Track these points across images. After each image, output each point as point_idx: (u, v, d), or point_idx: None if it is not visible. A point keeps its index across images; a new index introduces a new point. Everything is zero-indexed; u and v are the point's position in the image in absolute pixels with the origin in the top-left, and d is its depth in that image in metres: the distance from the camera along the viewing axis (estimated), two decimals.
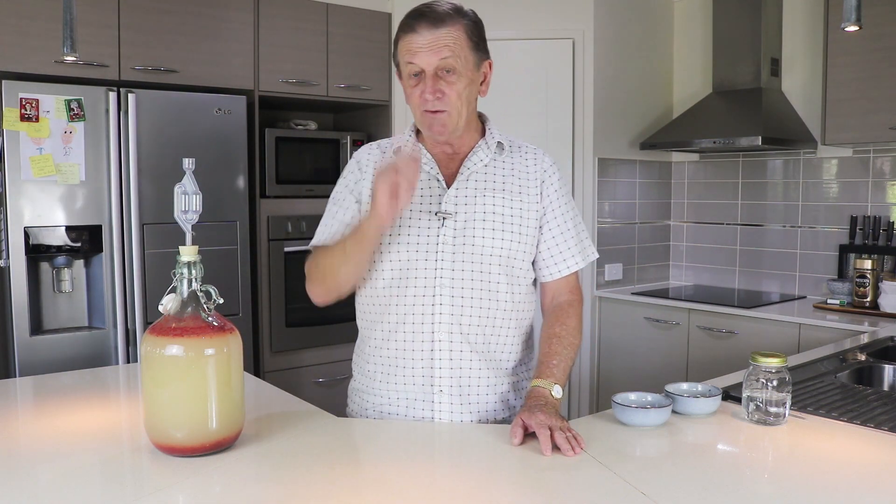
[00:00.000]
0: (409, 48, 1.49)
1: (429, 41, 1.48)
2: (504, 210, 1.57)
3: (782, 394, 1.47)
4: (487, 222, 1.56)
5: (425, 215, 1.56)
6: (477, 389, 1.56)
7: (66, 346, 2.81)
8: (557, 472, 1.27)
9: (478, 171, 1.60)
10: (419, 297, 1.54)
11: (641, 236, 3.96)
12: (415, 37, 1.49)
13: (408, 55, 1.50)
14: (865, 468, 1.29)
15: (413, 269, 1.55)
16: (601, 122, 3.66)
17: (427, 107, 1.51)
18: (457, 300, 1.53)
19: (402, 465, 1.31)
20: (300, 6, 3.37)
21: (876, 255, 3.21)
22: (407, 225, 1.55)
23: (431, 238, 1.55)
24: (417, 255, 1.54)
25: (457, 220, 1.55)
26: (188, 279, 1.28)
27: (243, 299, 3.20)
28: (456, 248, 1.54)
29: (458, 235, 1.55)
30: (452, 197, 1.56)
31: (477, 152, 1.60)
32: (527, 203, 1.60)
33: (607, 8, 3.66)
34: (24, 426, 1.54)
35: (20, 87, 2.68)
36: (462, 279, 1.54)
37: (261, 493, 1.16)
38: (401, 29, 1.53)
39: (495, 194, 1.58)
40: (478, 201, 1.57)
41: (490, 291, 1.56)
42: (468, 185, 1.58)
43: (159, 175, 2.94)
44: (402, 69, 1.54)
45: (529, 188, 1.62)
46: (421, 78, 1.50)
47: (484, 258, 1.55)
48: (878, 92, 3.01)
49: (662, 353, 3.48)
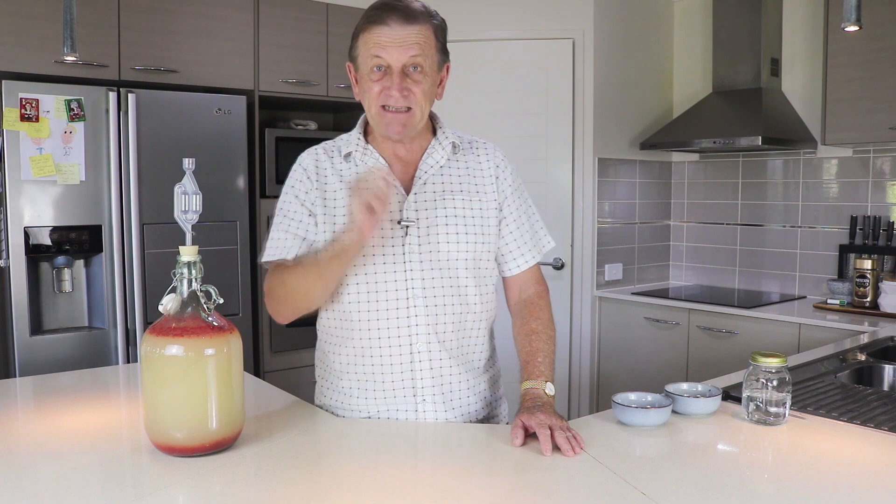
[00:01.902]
0: (378, 41, 1.44)
1: (400, 36, 1.44)
2: (465, 212, 1.55)
3: (782, 394, 1.47)
4: (451, 226, 1.53)
5: (387, 224, 1.50)
6: (458, 393, 1.56)
7: (66, 346, 2.81)
8: (557, 472, 1.27)
9: (434, 175, 1.56)
10: (393, 309, 1.50)
11: (641, 236, 3.96)
12: (385, 30, 1.44)
13: (375, 48, 1.44)
14: (865, 468, 1.29)
15: (382, 283, 1.50)
16: (601, 122, 3.66)
17: (391, 103, 1.46)
18: (431, 308, 1.51)
19: (402, 464, 1.31)
20: (300, 6, 3.37)
21: (876, 255, 3.21)
22: (370, 237, 1.48)
23: (397, 248, 1.50)
24: (385, 268, 1.50)
25: (419, 227, 1.51)
26: (188, 279, 1.28)
27: (243, 299, 3.20)
28: (423, 257, 1.51)
29: (424, 243, 1.51)
30: (412, 203, 1.52)
31: (432, 154, 1.56)
32: (485, 202, 1.58)
33: (607, 8, 3.66)
34: (24, 426, 1.54)
35: (20, 87, 2.68)
36: (433, 287, 1.51)
37: (261, 493, 1.15)
38: (368, 20, 1.46)
39: (454, 196, 1.55)
40: (438, 206, 1.53)
41: (461, 296, 1.54)
42: (426, 190, 1.54)
43: (159, 175, 2.94)
44: (363, 62, 1.48)
45: (486, 186, 1.59)
46: (385, 73, 1.45)
47: (451, 263, 1.53)
48: (878, 92, 3.01)
49: (662, 353, 3.48)
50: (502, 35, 3.62)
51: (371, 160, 1.55)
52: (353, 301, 1.52)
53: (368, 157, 1.55)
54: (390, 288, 1.51)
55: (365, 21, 1.47)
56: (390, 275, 1.51)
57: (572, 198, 3.66)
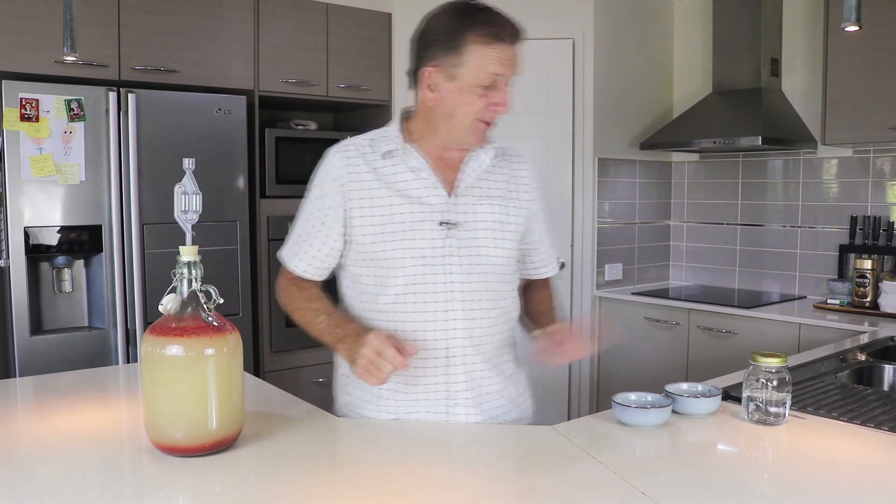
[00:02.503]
0: (499, 58, 1.43)
1: (511, 55, 1.46)
2: (503, 218, 1.57)
3: (782, 394, 1.47)
4: (489, 231, 1.54)
5: (428, 225, 1.50)
6: (488, 396, 1.56)
7: (66, 346, 2.81)
8: (557, 472, 1.27)
9: (477, 178, 1.57)
10: (430, 311, 1.50)
11: (641, 236, 3.96)
12: (505, 48, 1.44)
13: (496, 65, 1.43)
14: (865, 468, 1.29)
15: (421, 284, 1.50)
16: (601, 122, 3.66)
17: (492, 119, 1.49)
18: (468, 312, 1.52)
19: (402, 464, 1.31)
20: (300, 6, 3.37)
21: (876, 255, 3.21)
22: (411, 238, 1.50)
23: (438, 250, 1.50)
24: (426, 269, 1.50)
25: (461, 229, 1.52)
26: (188, 279, 1.28)
27: (243, 299, 3.20)
28: (463, 260, 1.51)
29: (464, 246, 1.52)
30: (454, 206, 1.52)
31: (475, 158, 1.57)
32: (519, 209, 1.61)
33: (607, 8, 3.66)
34: (24, 426, 1.54)
35: (20, 87, 2.68)
36: (472, 291, 1.52)
37: (261, 493, 1.15)
38: (484, 32, 1.43)
39: (493, 202, 1.56)
40: (478, 209, 1.54)
41: (496, 300, 1.56)
42: (468, 194, 1.55)
43: (159, 175, 2.94)
44: (471, 74, 1.44)
45: (521, 194, 1.62)
46: (490, 88, 1.45)
47: (489, 267, 1.54)
48: (878, 92, 3.01)
49: (662, 353, 3.48)
50: None
51: (413, 160, 1.53)
52: (391, 301, 1.52)
53: (410, 156, 1.53)
54: (429, 290, 1.50)
55: (482, 34, 1.43)
56: (430, 276, 1.50)
57: (572, 198, 3.66)
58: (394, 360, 1.36)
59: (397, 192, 1.52)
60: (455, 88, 1.46)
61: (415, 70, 1.53)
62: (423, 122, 1.55)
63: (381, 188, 1.52)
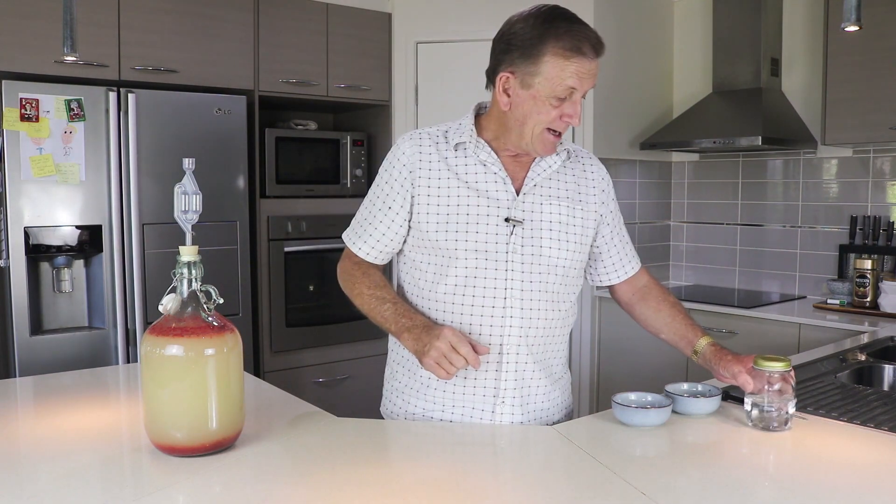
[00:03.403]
0: (577, 71, 1.42)
1: (591, 69, 1.44)
2: (568, 219, 1.56)
3: (786, 397, 1.46)
4: (553, 231, 1.54)
5: (493, 220, 1.51)
6: (535, 398, 1.57)
7: (66, 346, 2.81)
8: (557, 472, 1.27)
9: (545, 178, 1.56)
10: (488, 307, 1.51)
11: (641, 236, 3.96)
12: (585, 62, 1.42)
13: (573, 78, 1.42)
14: (865, 468, 1.29)
15: (481, 278, 1.50)
16: (601, 122, 3.66)
17: (563, 129, 1.49)
18: (525, 311, 1.52)
19: (402, 464, 1.31)
20: (300, 6, 3.37)
21: (876, 255, 3.21)
22: (475, 231, 1.50)
23: (500, 246, 1.50)
24: (486, 264, 1.50)
25: (525, 227, 1.52)
26: (188, 279, 1.28)
27: (243, 299, 3.20)
28: (524, 258, 1.51)
29: (527, 244, 1.52)
30: (521, 203, 1.53)
31: (546, 159, 1.56)
32: (587, 212, 1.60)
33: (607, 8, 3.65)
34: (24, 426, 1.54)
35: (20, 87, 2.68)
36: (531, 290, 1.52)
37: (261, 493, 1.15)
38: (565, 45, 1.41)
39: (560, 202, 1.56)
40: (544, 209, 1.54)
41: (553, 302, 1.56)
42: (535, 193, 1.55)
43: (159, 175, 2.94)
44: (548, 85, 1.43)
45: (590, 196, 1.61)
46: (564, 100, 1.44)
47: (549, 268, 1.54)
48: (878, 92, 3.01)
49: (662, 353, 3.47)
50: None
51: (484, 154, 1.53)
52: (449, 291, 1.52)
53: (481, 150, 1.54)
54: (489, 285, 1.51)
55: (562, 46, 1.41)
56: (490, 271, 1.51)
57: None
58: (468, 356, 1.38)
59: (466, 183, 1.52)
60: (529, 96, 1.45)
61: (492, 71, 1.52)
62: (496, 123, 1.54)
63: (451, 178, 1.52)
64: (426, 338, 1.42)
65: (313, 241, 3.37)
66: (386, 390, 1.69)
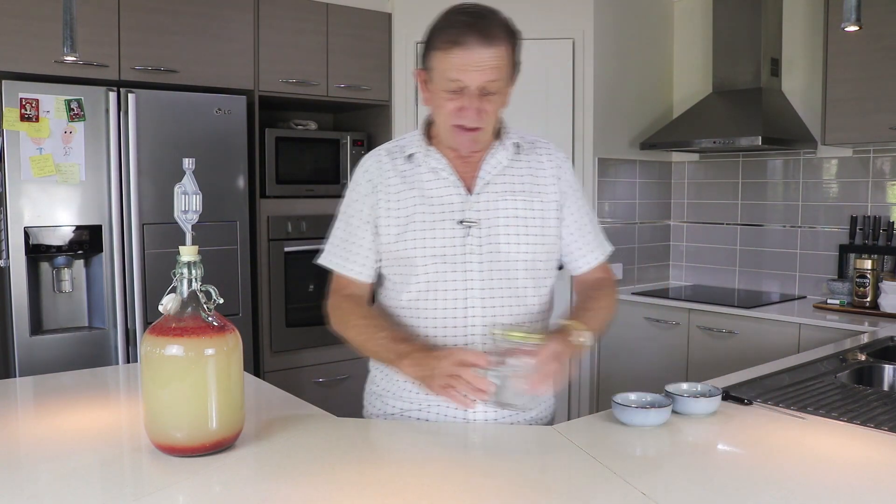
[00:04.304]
0: (456, 64, 1.40)
1: (476, 60, 1.40)
2: (526, 213, 1.55)
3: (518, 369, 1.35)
4: (511, 227, 1.53)
5: (448, 224, 1.52)
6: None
7: (66, 346, 2.81)
8: (557, 472, 1.27)
9: (496, 175, 1.56)
10: (450, 309, 1.52)
11: (641, 236, 3.96)
12: (463, 53, 1.40)
13: (453, 71, 1.41)
14: (865, 468, 1.29)
15: (442, 282, 1.52)
16: (601, 122, 3.66)
17: (466, 123, 1.46)
18: (488, 310, 1.52)
19: (402, 464, 1.31)
20: (300, 6, 3.37)
21: (876, 255, 3.21)
22: (431, 237, 1.51)
23: (457, 249, 1.51)
24: (445, 268, 1.51)
25: (481, 227, 1.52)
26: (188, 279, 1.28)
27: (243, 299, 3.20)
28: (483, 257, 1.52)
29: (485, 244, 1.52)
30: (474, 203, 1.53)
31: (495, 155, 1.56)
32: (546, 202, 1.58)
33: (607, 8, 3.65)
34: (24, 426, 1.54)
35: (20, 87, 2.68)
36: (492, 288, 1.52)
37: (261, 493, 1.15)
38: (444, 38, 1.42)
39: (516, 197, 1.55)
40: (499, 206, 1.54)
41: (519, 297, 1.55)
42: (488, 191, 1.54)
43: (159, 175, 2.94)
44: (437, 78, 1.45)
45: (547, 186, 1.59)
46: (461, 93, 1.43)
47: (510, 264, 1.53)
48: (878, 92, 3.01)
49: (662, 353, 3.48)
50: None
51: (433, 161, 1.55)
52: (413, 298, 1.54)
53: (431, 157, 1.55)
54: (449, 287, 1.52)
55: (443, 40, 1.42)
56: (450, 275, 1.52)
57: None
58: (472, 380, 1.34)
59: (420, 192, 1.54)
60: (432, 92, 1.49)
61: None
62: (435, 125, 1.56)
63: (407, 189, 1.55)
64: (427, 361, 1.41)
65: (313, 241, 3.36)
66: (365, 394, 1.70)
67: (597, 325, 1.54)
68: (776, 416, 1.55)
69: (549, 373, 1.35)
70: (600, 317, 1.57)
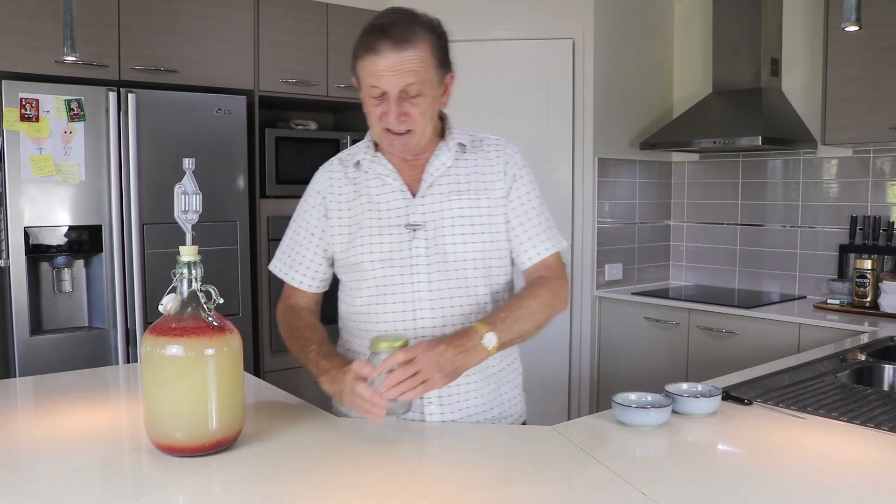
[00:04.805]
0: (373, 70, 1.42)
1: (392, 64, 1.41)
2: (472, 212, 1.55)
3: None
4: (457, 227, 1.53)
5: (395, 229, 1.53)
6: (466, 395, 1.56)
7: (66, 346, 2.81)
8: (558, 472, 1.27)
9: (441, 176, 1.56)
10: (399, 312, 1.53)
11: (641, 236, 3.96)
12: (377, 59, 1.41)
13: (371, 78, 1.43)
14: (865, 468, 1.29)
15: (390, 286, 1.53)
16: (601, 122, 3.66)
17: (391, 128, 1.47)
18: (437, 311, 1.52)
19: (402, 464, 1.31)
20: (300, 6, 3.37)
21: (876, 255, 3.21)
22: (378, 242, 1.53)
23: (404, 252, 1.53)
24: (392, 272, 1.53)
25: (427, 229, 1.53)
26: (188, 279, 1.28)
27: (243, 299, 3.20)
28: (430, 259, 1.52)
29: (431, 245, 1.52)
30: (419, 206, 1.54)
31: (438, 156, 1.56)
32: (493, 199, 1.56)
33: (607, 8, 3.66)
34: (24, 426, 1.54)
35: (20, 87, 2.67)
36: (440, 289, 1.52)
37: (261, 493, 1.16)
38: (361, 47, 1.45)
39: (461, 196, 1.55)
40: (444, 207, 1.54)
41: (470, 297, 1.55)
42: (433, 192, 1.55)
43: (159, 175, 2.94)
44: (363, 87, 1.48)
45: (494, 183, 1.57)
46: (383, 99, 1.45)
47: (459, 264, 1.53)
48: (878, 92, 3.01)
49: (662, 353, 3.48)
50: (502, 35, 3.62)
51: (379, 167, 1.57)
52: (364, 303, 1.57)
53: (377, 163, 1.58)
54: (397, 291, 1.53)
55: (360, 46, 1.46)
56: (397, 278, 1.53)
57: (572, 198, 3.66)
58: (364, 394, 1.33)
59: (367, 198, 1.57)
60: (363, 96, 1.51)
61: None
62: None
63: (356, 196, 1.58)
64: (340, 377, 1.40)
65: None
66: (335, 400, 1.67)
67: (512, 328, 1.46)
68: (776, 416, 1.55)
69: (396, 379, 1.32)
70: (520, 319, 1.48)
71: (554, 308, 1.54)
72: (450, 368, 1.36)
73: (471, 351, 1.39)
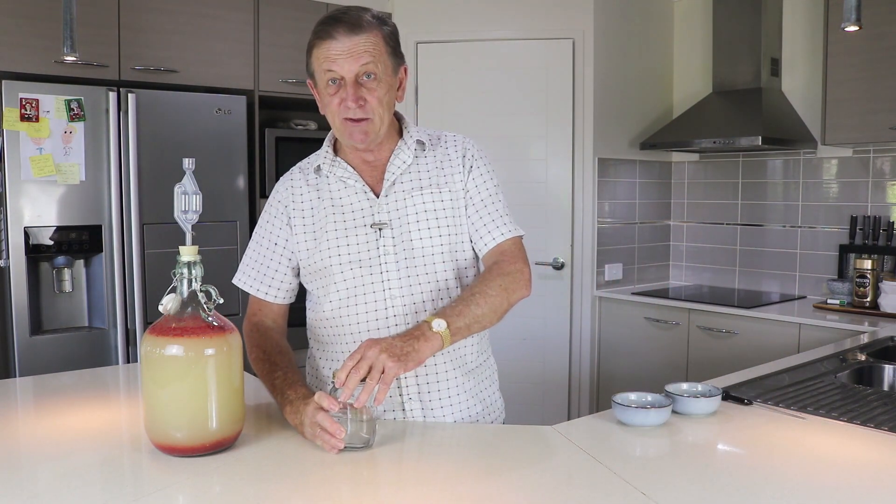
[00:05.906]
0: (328, 55, 1.45)
1: (348, 47, 1.44)
2: (436, 206, 1.55)
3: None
4: (422, 222, 1.54)
5: (361, 230, 1.53)
6: (448, 392, 1.56)
7: (66, 346, 2.81)
8: (558, 473, 1.27)
9: (403, 174, 1.57)
10: (372, 311, 1.52)
11: (641, 236, 3.96)
12: (333, 43, 1.44)
13: (326, 62, 1.45)
14: (865, 468, 1.29)
15: (360, 286, 1.53)
16: (601, 122, 3.66)
17: (349, 115, 1.47)
18: (409, 307, 1.52)
19: (402, 463, 1.31)
20: (300, 6, 3.37)
21: (876, 255, 3.21)
22: (345, 244, 1.53)
23: (372, 252, 1.53)
24: (362, 272, 1.53)
25: (393, 227, 1.53)
26: (188, 279, 1.29)
27: (243, 299, 3.18)
28: (399, 256, 1.53)
29: (398, 243, 1.53)
30: (383, 205, 1.54)
31: (398, 155, 1.57)
32: (455, 192, 1.57)
33: (607, 8, 3.66)
34: (24, 426, 1.54)
35: (20, 87, 2.68)
36: (411, 285, 1.53)
37: (261, 493, 1.15)
38: (316, 35, 1.47)
39: (423, 192, 1.55)
40: (408, 203, 1.54)
41: (441, 290, 1.55)
42: (395, 190, 1.55)
43: (159, 175, 2.94)
44: (319, 78, 1.49)
45: (454, 175, 1.58)
46: (340, 86, 1.46)
47: (428, 258, 1.54)
48: (878, 92, 3.01)
49: (662, 353, 3.48)
50: (502, 35, 3.62)
51: (339, 170, 1.58)
52: (335, 307, 1.56)
53: (337, 167, 1.58)
54: (368, 291, 1.53)
55: (314, 36, 1.48)
56: (367, 278, 1.53)
57: (572, 198, 3.66)
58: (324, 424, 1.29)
59: (331, 202, 1.57)
60: (318, 93, 1.53)
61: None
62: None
63: (319, 202, 1.58)
64: (301, 408, 1.36)
65: None
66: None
67: (464, 312, 1.42)
68: (776, 416, 1.55)
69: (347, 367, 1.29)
70: (472, 303, 1.44)
71: (512, 292, 1.51)
72: (400, 352, 1.31)
73: (420, 338, 1.35)
